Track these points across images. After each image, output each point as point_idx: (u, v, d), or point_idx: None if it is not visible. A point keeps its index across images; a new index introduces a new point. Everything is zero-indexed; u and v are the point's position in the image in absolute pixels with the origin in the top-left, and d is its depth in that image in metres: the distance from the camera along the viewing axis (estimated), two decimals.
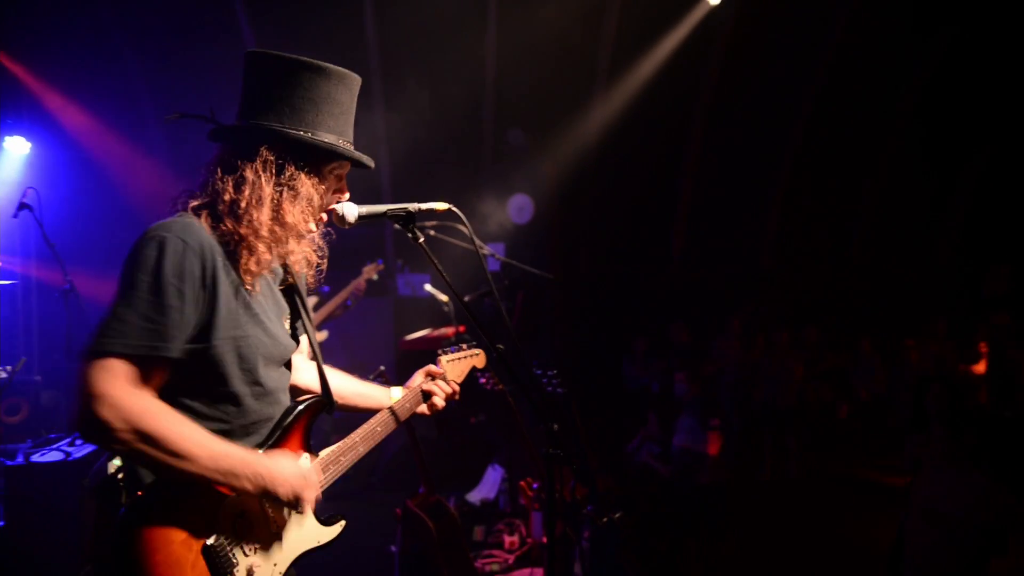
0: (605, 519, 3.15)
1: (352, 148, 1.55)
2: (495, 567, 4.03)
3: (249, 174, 1.45)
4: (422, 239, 1.65)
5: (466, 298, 4.50)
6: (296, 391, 1.76)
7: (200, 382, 1.41)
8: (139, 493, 1.33)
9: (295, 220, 1.48)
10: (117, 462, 1.29)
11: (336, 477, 1.62)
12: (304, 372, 1.80)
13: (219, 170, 1.47)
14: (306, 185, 1.49)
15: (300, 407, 1.58)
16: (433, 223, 4.01)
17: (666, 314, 8.23)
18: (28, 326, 6.03)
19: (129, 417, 1.24)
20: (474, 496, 5.15)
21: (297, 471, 1.44)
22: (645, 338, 7.90)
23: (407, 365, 6.17)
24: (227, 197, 1.44)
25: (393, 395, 1.91)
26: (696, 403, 4.92)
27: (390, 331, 7.36)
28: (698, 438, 4.85)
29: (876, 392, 7.76)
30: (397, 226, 1.66)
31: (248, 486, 1.35)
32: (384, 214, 1.63)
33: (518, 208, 8.02)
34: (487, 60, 7.90)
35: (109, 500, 1.33)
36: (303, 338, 1.68)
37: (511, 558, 4.09)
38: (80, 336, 6.25)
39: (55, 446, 3.42)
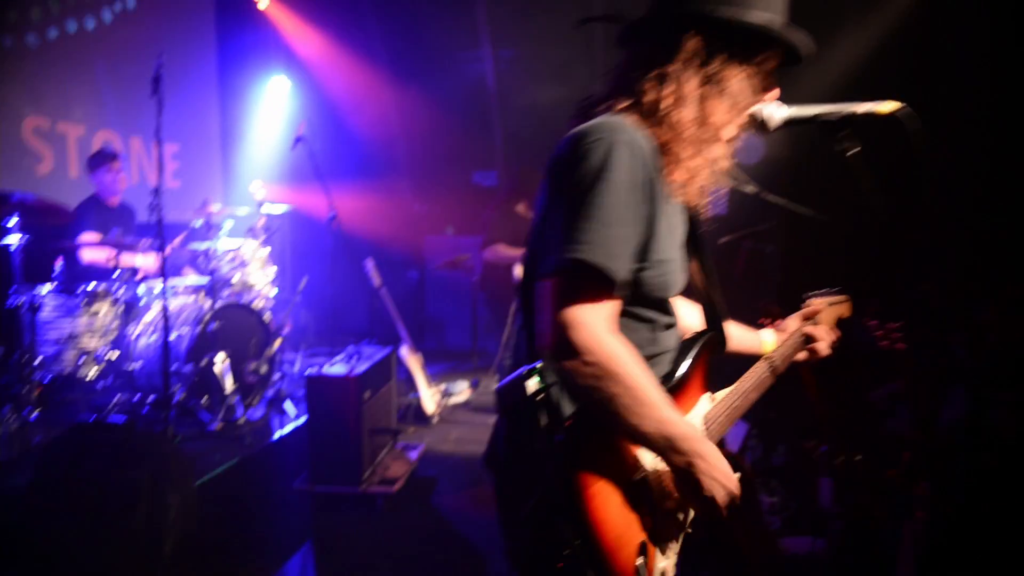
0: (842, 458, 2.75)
1: (788, 32, 1.28)
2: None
3: (670, 68, 1.24)
4: (853, 151, 1.36)
5: (723, 239, 4.18)
6: None
7: (624, 308, 1.26)
8: (564, 426, 1.22)
9: (720, 121, 1.26)
10: (534, 382, 1.14)
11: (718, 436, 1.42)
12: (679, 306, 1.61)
13: (635, 69, 1.28)
14: (734, 79, 1.26)
15: (700, 341, 1.40)
16: None
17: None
18: (294, 250, 6.68)
19: (602, 354, 1.11)
20: None
21: (728, 467, 1.22)
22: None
23: None
24: (647, 98, 1.25)
25: (765, 339, 1.68)
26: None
27: None
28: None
29: None
30: (822, 138, 1.38)
31: (678, 460, 1.17)
32: (813, 118, 1.36)
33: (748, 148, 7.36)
34: None
35: (522, 419, 1.22)
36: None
37: (774, 520, 3.81)
38: (342, 260, 6.85)
39: (331, 361, 3.70)
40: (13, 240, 3.43)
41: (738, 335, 1.61)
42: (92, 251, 4.14)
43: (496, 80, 7.69)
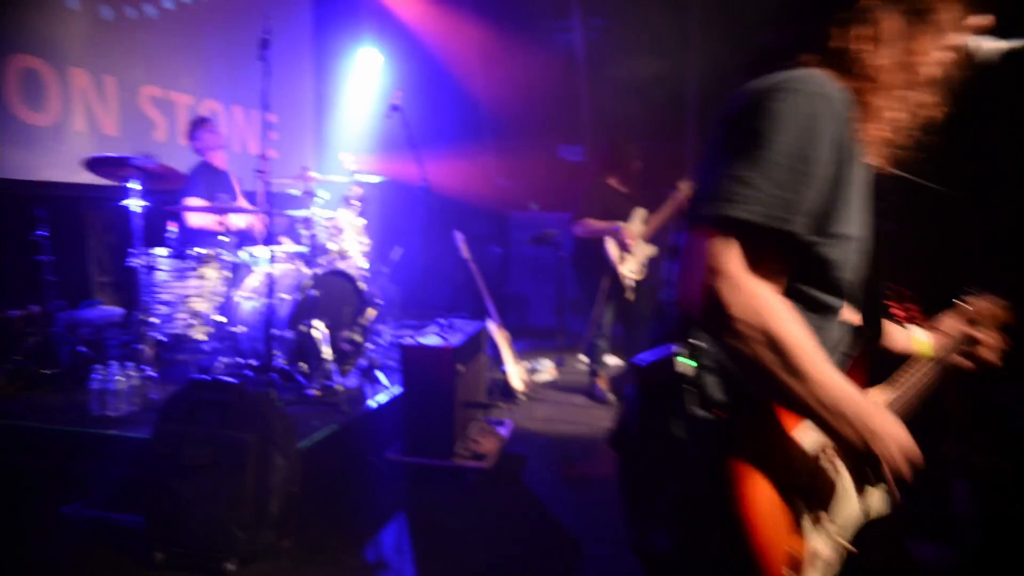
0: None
1: None
2: None
3: (863, 3, 1.09)
4: None
5: None
6: None
7: (793, 285, 1.14)
8: (715, 412, 1.12)
9: (927, 61, 1.10)
10: (685, 360, 1.03)
11: None
12: None
13: (815, 11, 1.14)
14: (942, 5, 1.10)
15: (859, 334, 1.26)
16: None
17: None
18: (383, 220, 6.76)
19: (759, 312, 1.00)
20: None
21: (904, 429, 1.10)
22: None
23: None
24: (837, 43, 1.10)
25: (917, 337, 1.51)
26: None
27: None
28: None
29: None
30: None
31: (848, 431, 1.04)
32: None
33: None
34: None
35: (667, 400, 1.12)
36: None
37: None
38: (431, 232, 6.89)
39: (423, 332, 3.72)
40: (134, 203, 3.58)
41: (889, 330, 1.46)
42: (201, 216, 4.29)
43: (586, 50, 7.48)
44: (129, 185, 3.59)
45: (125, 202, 3.58)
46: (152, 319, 3.72)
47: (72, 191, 4.13)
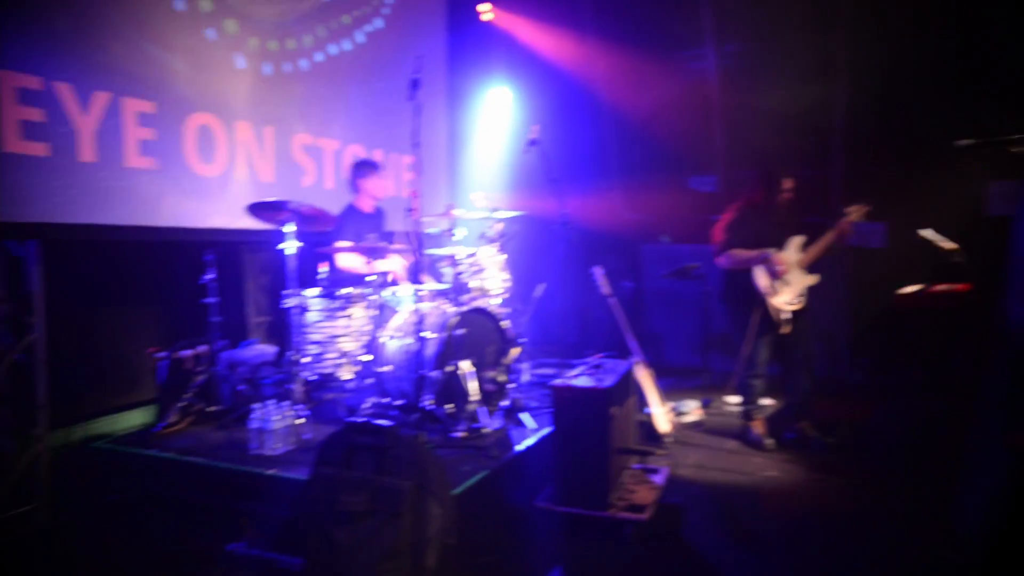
0: None
1: None
2: None
3: None
4: None
5: None
6: None
7: None
8: None
9: None
10: None
11: None
12: None
13: None
14: None
15: None
16: None
17: None
18: (520, 257, 6.69)
19: None
20: None
21: None
22: None
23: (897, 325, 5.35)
24: None
25: None
26: None
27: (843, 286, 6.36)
28: None
29: None
30: None
31: None
32: None
33: None
34: None
35: None
36: None
37: None
38: (571, 266, 6.77)
39: (569, 372, 3.53)
40: (290, 246, 3.70)
41: None
42: (348, 257, 4.40)
43: (719, 78, 7.17)
44: (284, 229, 3.71)
45: (280, 245, 3.71)
46: (303, 358, 3.80)
47: (232, 236, 4.38)
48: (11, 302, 3.36)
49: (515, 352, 4.03)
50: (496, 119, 7.13)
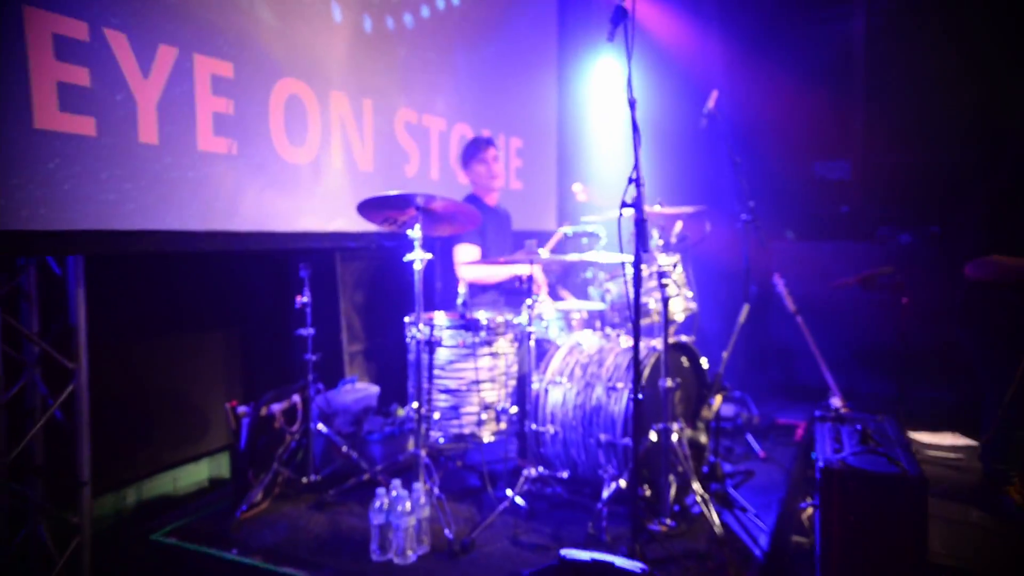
0: None
1: None
2: None
3: None
4: None
5: None
6: None
7: None
8: None
9: None
10: None
11: None
12: None
13: None
14: None
15: None
16: None
17: None
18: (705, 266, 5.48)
19: None
20: None
21: None
22: None
23: None
24: None
25: None
26: None
27: None
28: None
29: None
30: None
31: None
32: None
33: None
34: None
35: None
36: None
37: None
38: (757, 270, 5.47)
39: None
40: (418, 257, 2.63)
41: None
42: (476, 268, 3.35)
43: (865, 40, 5.95)
44: (410, 233, 2.66)
45: (408, 256, 2.64)
46: (432, 412, 2.77)
47: (326, 241, 3.35)
48: (46, 339, 2.40)
49: (718, 402, 2.91)
50: (610, 98, 5.96)
